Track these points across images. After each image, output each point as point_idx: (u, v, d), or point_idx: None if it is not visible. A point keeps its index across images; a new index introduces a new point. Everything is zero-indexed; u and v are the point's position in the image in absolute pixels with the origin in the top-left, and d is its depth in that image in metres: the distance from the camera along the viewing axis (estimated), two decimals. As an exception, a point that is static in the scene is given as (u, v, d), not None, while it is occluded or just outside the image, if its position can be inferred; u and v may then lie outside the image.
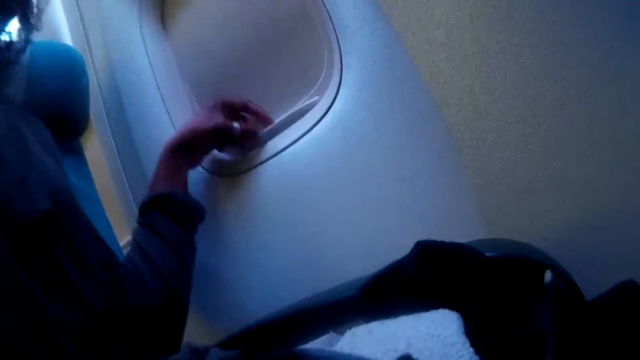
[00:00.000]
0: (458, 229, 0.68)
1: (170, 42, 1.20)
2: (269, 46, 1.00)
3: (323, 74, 0.91)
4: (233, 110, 1.00)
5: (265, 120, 1.00)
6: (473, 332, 0.46)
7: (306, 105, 0.93)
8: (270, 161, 0.95)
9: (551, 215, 0.64)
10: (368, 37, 0.77)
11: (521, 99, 0.63)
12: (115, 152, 1.19)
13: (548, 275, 0.52)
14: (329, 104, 0.85)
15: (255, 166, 0.97)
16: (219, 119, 0.97)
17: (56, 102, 1.00)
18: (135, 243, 0.88)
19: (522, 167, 0.65)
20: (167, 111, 1.14)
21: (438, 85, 0.69)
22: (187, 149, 0.97)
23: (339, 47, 0.83)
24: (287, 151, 0.92)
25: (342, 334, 0.52)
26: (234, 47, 1.06)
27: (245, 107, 1.01)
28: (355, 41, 0.80)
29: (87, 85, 1.05)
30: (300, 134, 0.90)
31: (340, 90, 0.84)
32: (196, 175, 1.05)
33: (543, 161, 0.64)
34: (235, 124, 0.98)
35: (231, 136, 0.98)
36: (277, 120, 0.98)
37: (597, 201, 0.63)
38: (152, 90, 1.15)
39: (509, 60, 0.62)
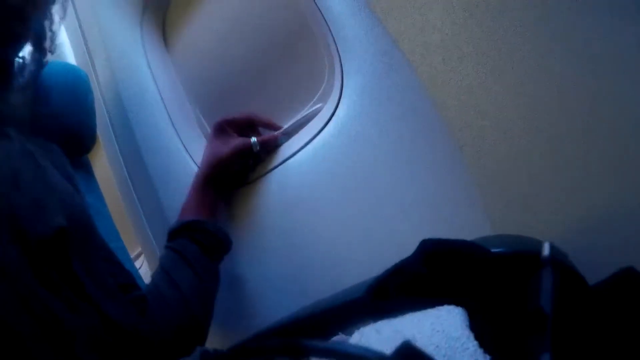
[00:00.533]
0: (463, 228, 0.69)
1: (172, 57, 1.23)
2: (270, 57, 1.02)
3: (325, 81, 0.92)
4: (239, 126, 1.01)
5: (273, 126, 1.01)
6: (478, 326, 0.47)
7: (311, 112, 0.94)
8: (276, 170, 0.97)
9: (555, 210, 0.65)
10: (366, 44, 0.79)
11: (519, 97, 0.64)
12: (124, 166, 1.21)
13: (546, 248, 0.50)
14: (331, 111, 0.87)
15: (261, 176, 0.99)
16: (235, 140, 0.99)
17: (63, 120, 1.02)
18: (162, 268, 0.89)
19: (525, 164, 0.66)
20: (173, 125, 1.16)
21: (436, 87, 0.70)
22: (216, 180, 0.99)
23: (339, 56, 0.85)
24: (292, 159, 0.94)
25: (350, 335, 0.53)
26: (235, 60, 1.08)
27: (251, 120, 1.02)
28: (354, 49, 0.82)
29: (93, 102, 1.07)
30: (304, 142, 0.91)
31: (342, 97, 0.85)
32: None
33: (545, 157, 0.65)
34: (253, 139, 0.98)
35: (252, 152, 0.98)
36: (284, 127, 0.99)
37: (601, 196, 0.63)
38: (156, 105, 1.17)
39: (504, 58, 0.63)
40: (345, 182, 0.85)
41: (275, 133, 0.99)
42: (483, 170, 0.68)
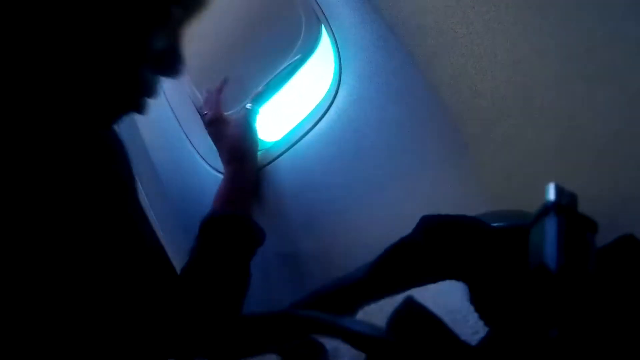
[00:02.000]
0: (464, 206, 0.71)
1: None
2: (251, 25, 1.07)
3: (302, 35, 0.97)
4: (219, 103, 1.08)
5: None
6: (479, 300, 0.48)
7: (291, 62, 1.01)
8: (280, 159, 0.99)
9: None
10: (362, 30, 0.80)
11: (514, 75, 0.66)
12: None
13: (551, 191, 0.41)
14: (331, 98, 0.89)
15: (265, 165, 1.01)
16: (232, 120, 1.06)
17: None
18: (192, 260, 0.89)
19: (523, 141, 0.67)
20: (176, 117, 1.18)
21: (433, 69, 0.72)
22: (248, 165, 1.02)
23: (336, 42, 0.87)
24: (295, 147, 0.96)
25: (354, 315, 0.55)
26: (220, 32, 1.11)
27: (220, 89, 1.09)
28: (350, 36, 0.83)
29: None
30: (305, 130, 0.93)
31: (340, 84, 0.87)
32: (212, 178, 1.09)
33: (543, 133, 0.66)
34: (247, 106, 1.06)
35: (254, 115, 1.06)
36: (267, 80, 1.05)
37: (601, 170, 0.64)
38: (160, 103, 1.19)
39: (498, 38, 0.65)
40: (348, 166, 0.87)
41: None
42: (482, 149, 0.70)
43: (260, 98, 1.07)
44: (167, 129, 1.20)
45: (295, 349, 0.52)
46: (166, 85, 1.19)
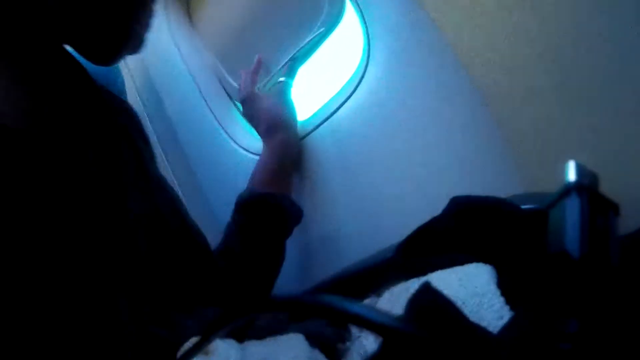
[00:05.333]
0: (494, 186, 0.71)
1: (198, 32, 1.26)
2: (278, 3, 1.09)
3: (325, 8, 0.98)
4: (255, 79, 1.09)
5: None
6: (506, 284, 0.48)
7: (315, 35, 1.02)
8: (309, 136, 1.01)
9: (587, 166, 0.66)
10: (390, 6, 0.80)
11: (546, 51, 0.65)
12: (158, 145, 1.26)
13: (572, 170, 0.38)
14: (360, 75, 0.89)
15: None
16: (267, 96, 1.06)
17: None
18: (225, 244, 0.90)
19: (554, 120, 0.67)
20: (205, 100, 1.20)
21: (462, 45, 0.72)
22: (289, 139, 1.02)
23: (364, 18, 0.87)
24: (324, 124, 0.98)
25: (380, 295, 0.56)
26: (243, 9, 1.14)
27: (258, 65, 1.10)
28: (378, 10, 0.83)
29: (123, 84, 1.12)
30: (334, 107, 0.94)
31: (369, 60, 0.87)
32: (241, 157, 1.12)
33: (575, 113, 0.65)
34: (280, 79, 1.07)
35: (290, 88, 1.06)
36: (292, 53, 1.07)
37: (633, 150, 0.63)
38: (187, 83, 1.22)
39: (528, 13, 0.64)
40: (377, 143, 0.88)
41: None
42: (513, 129, 0.70)
43: (288, 72, 1.07)
44: (194, 107, 1.22)
45: (320, 328, 0.53)
46: (192, 64, 1.22)
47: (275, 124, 1.02)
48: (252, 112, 1.07)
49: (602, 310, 0.32)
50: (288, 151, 1.01)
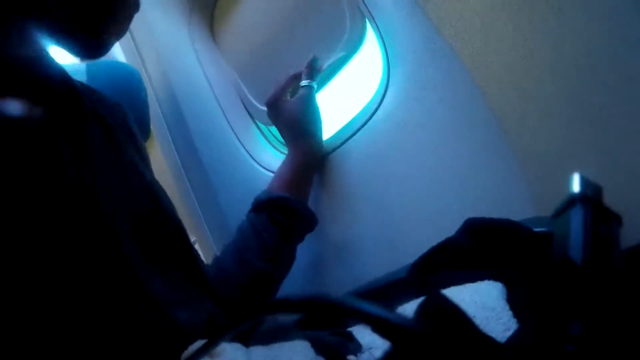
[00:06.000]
0: (507, 209, 0.72)
1: (220, 50, 1.29)
2: (296, 21, 1.10)
3: (347, 33, 1.00)
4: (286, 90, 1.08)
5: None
6: (516, 299, 0.50)
7: (335, 60, 1.03)
8: (329, 157, 1.03)
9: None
10: (410, 32, 0.83)
11: (561, 78, 0.67)
12: (177, 158, 1.28)
13: (576, 181, 0.39)
14: (379, 99, 0.92)
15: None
16: (292, 99, 1.06)
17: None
18: (235, 245, 0.93)
19: (570, 146, 0.68)
20: (225, 116, 1.23)
21: (479, 71, 0.74)
22: (309, 144, 1.02)
23: (384, 45, 0.90)
24: (343, 146, 1.00)
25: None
26: (266, 29, 1.16)
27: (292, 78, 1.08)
28: (398, 37, 0.86)
29: (146, 96, 1.14)
30: (354, 130, 0.97)
31: (389, 85, 0.90)
32: (258, 174, 1.14)
33: (591, 139, 0.67)
34: (305, 83, 1.05)
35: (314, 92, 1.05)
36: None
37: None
38: (208, 98, 1.25)
39: (544, 40, 0.66)
40: (394, 165, 0.90)
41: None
42: (527, 152, 0.72)
43: (311, 75, 1.06)
44: (214, 123, 1.24)
45: (325, 337, 0.54)
46: (213, 80, 1.25)
47: (298, 130, 1.03)
48: (275, 115, 1.07)
49: (605, 314, 0.33)
50: (309, 159, 1.02)
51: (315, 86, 1.05)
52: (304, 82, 1.05)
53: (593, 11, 0.63)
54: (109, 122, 0.78)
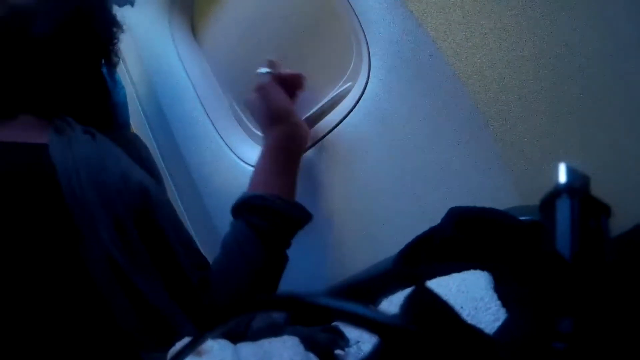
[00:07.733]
0: (492, 199, 0.73)
1: (202, 48, 1.29)
2: (298, 41, 1.07)
3: (353, 62, 0.97)
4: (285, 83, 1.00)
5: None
6: (503, 289, 0.50)
7: (341, 91, 0.99)
8: (313, 149, 1.03)
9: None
10: (391, 25, 0.83)
11: (541, 69, 0.68)
12: (160, 158, 1.28)
13: (562, 172, 0.38)
14: (360, 91, 0.92)
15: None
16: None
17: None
18: (221, 254, 0.89)
19: (550, 135, 0.69)
20: (207, 114, 1.22)
21: (461, 63, 0.75)
22: (293, 135, 0.96)
23: (365, 37, 0.90)
24: (326, 138, 1.00)
25: (379, 304, 0.57)
26: (265, 45, 1.13)
27: (299, 78, 1.02)
28: (379, 30, 0.86)
29: (125, 96, 1.14)
30: (334, 123, 0.97)
31: (370, 77, 0.90)
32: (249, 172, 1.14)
33: (570, 127, 0.68)
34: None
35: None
36: (316, 108, 1.03)
37: (629, 164, 0.65)
38: (190, 97, 1.24)
39: (525, 32, 0.67)
40: (376, 158, 0.91)
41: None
42: (510, 143, 0.72)
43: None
44: (196, 122, 1.24)
45: (316, 333, 0.55)
46: (194, 77, 1.24)
47: (266, 118, 0.97)
48: (252, 113, 1.03)
49: (596, 310, 0.32)
50: (288, 143, 0.95)
51: (270, 71, 0.99)
52: (261, 70, 0.99)
53: (575, 4, 0.64)
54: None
